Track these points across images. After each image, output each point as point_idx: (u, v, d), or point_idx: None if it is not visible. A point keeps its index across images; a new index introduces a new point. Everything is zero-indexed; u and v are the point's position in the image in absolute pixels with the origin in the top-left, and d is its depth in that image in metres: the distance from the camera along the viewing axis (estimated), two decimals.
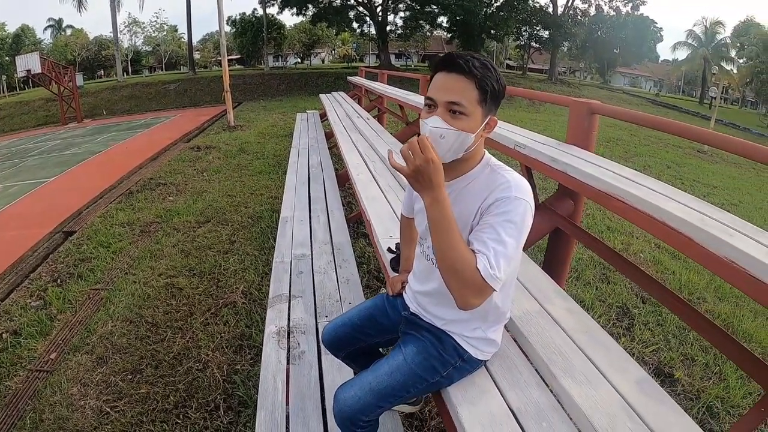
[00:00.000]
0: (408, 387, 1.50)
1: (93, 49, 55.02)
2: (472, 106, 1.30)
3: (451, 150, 1.34)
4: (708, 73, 44.88)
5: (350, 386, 1.53)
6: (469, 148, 1.36)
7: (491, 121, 1.38)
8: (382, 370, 1.51)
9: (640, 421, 1.36)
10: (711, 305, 4.33)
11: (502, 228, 1.25)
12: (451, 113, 1.31)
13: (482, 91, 1.30)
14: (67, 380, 3.23)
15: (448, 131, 1.31)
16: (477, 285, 1.23)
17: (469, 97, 1.30)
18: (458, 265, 1.23)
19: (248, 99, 26.44)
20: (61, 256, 5.41)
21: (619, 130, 16.32)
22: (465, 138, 1.32)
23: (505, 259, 1.23)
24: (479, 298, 1.25)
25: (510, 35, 39.81)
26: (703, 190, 9.49)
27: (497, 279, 1.22)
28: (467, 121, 1.31)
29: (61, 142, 16.71)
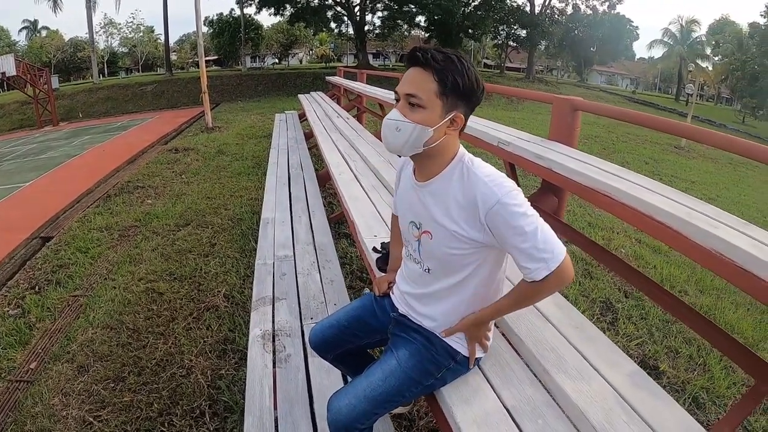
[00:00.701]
0: (403, 391, 1.47)
1: (68, 51, 53.92)
2: (429, 98, 1.28)
3: (407, 143, 1.33)
4: (684, 70, 45.74)
5: (344, 394, 1.48)
6: (429, 143, 1.33)
7: (457, 117, 1.34)
8: (375, 376, 1.47)
9: (635, 414, 1.36)
10: (693, 298, 4.39)
11: (520, 228, 1.24)
12: (410, 106, 1.31)
13: (441, 84, 1.27)
14: (48, 390, 3.13)
15: (403, 123, 1.31)
16: (554, 282, 1.28)
17: (426, 88, 1.28)
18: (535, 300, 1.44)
19: (226, 100, 26.24)
20: (38, 262, 5.27)
21: (597, 127, 16.53)
22: (421, 131, 1.30)
23: (544, 234, 1.25)
24: (565, 277, 1.29)
25: (488, 34, 39.99)
26: (682, 185, 9.64)
27: (558, 257, 1.25)
28: (424, 114, 1.30)
29: (37, 145, 16.36)
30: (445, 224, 1.36)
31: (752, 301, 4.47)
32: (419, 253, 1.49)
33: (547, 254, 1.24)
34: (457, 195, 1.34)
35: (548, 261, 1.24)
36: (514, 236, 1.25)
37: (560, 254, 1.25)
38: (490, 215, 1.27)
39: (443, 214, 1.37)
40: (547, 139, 3.05)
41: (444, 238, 1.38)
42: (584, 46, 42.91)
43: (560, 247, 1.26)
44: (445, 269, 1.44)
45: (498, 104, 24.00)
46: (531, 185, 7.02)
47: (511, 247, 1.29)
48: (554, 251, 1.24)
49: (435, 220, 1.40)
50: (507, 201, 1.25)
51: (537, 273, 1.25)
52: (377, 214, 3.26)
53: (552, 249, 1.24)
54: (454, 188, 1.35)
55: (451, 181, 1.37)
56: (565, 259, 1.26)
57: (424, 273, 1.49)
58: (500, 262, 1.46)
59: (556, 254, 1.24)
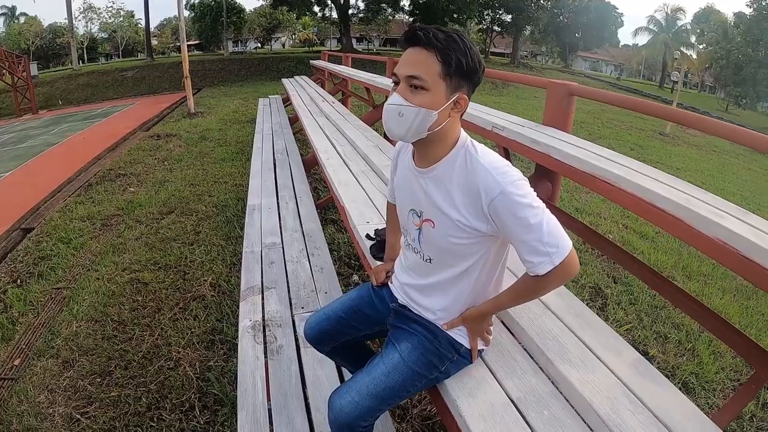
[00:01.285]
0: (407, 386, 1.42)
1: (47, 37, 52.67)
2: (432, 79, 1.21)
3: (411, 128, 1.26)
4: (669, 58, 46.01)
5: (346, 391, 1.41)
6: (434, 127, 1.27)
7: (460, 99, 1.27)
8: (378, 371, 1.41)
9: (639, 403, 1.34)
10: (680, 284, 4.43)
11: (525, 219, 1.19)
12: (412, 88, 1.24)
13: (445, 64, 1.21)
14: (33, 387, 3.05)
15: (406, 108, 1.23)
16: (559, 276, 1.23)
17: (429, 69, 1.21)
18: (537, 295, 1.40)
19: (208, 85, 25.85)
20: (20, 254, 5.13)
21: (582, 113, 16.57)
22: (426, 115, 1.24)
23: (549, 227, 1.20)
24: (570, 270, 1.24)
25: (472, 19, 39.73)
26: (667, 172, 9.67)
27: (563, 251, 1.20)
28: (428, 96, 1.23)
29: (16, 134, 15.93)
30: (448, 213, 1.31)
31: (738, 286, 4.52)
32: (419, 242, 1.43)
33: (551, 248, 1.19)
34: (460, 182, 1.29)
35: (552, 255, 1.19)
36: (517, 228, 1.20)
37: (566, 248, 1.20)
38: (493, 205, 1.21)
39: (446, 202, 1.31)
40: (540, 123, 3.01)
41: (446, 227, 1.32)
42: (569, 32, 43.02)
43: (566, 240, 1.21)
44: (446, 259, 1.39)
45: (483, 89, 23.93)
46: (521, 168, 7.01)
47: (514, 239, 1.24)
48: (559, 245, 1.19)
49: (437, 208, 1.34)
50: (511, 191, 1.19)
51: (541, 267, 1.21)
52: (368, 199, 3.20)
53: (557, 243, 1.19)
54: (457, 175, 1.30)
55: (453, 168, 1.31)
56: (570, 253, 1.21)
57: (425, 263, 1.44)
58: (503, 252, 1.41)
59: (562, 248, 1.19)
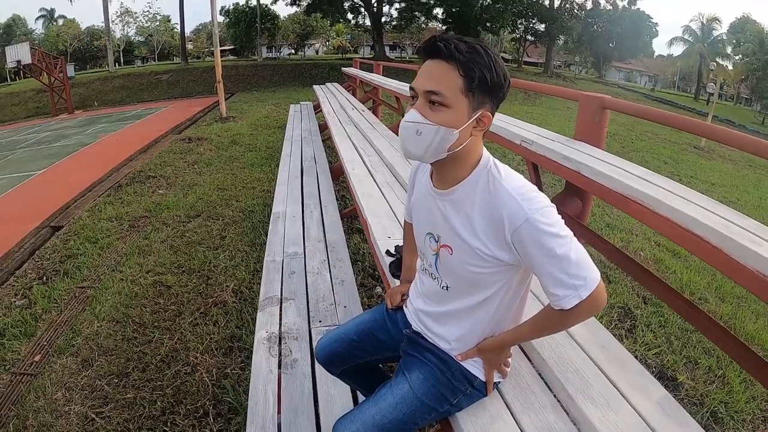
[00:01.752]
0: (415, 419, 1.34)
1: (85, 40, 54.48)
2: (453, 95, 1.12)
3: (430, 148, 1.16)
4: (704, 68, 44.93)
5: (351, 421, 1.34)
6: (455, 147, 1.17)
7: (484, 116, 1.17)
8: (386, 402, 1.34)
9: None
10: (713, 306, 4.25)
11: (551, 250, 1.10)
12: (431, 104, 1.14)
13: (468, 78, 1.11)
14: (51, 384, 3.09)
15: (425, 126, 1.14)
16: (584, 310, 1.15)
17: (450, 84, 1.11)
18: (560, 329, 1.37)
19: (241, 90, 26.26)
20: (47, 252, 5.24)
21: (616, 125, 16.24)
22: (446, 134, 1.14)
23: (578, 257, 1.11)
24: (597, 304, 1.16)
25: (506, 28, 39.48)
26: (701, 187, 9.41)
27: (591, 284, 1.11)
28: (448, 114, 1.13)
29: (52, 133, 16.43)
30: (468, 239, 1.22)
31: None
32: (436, 268, 1.34)
33: (578, 281, 1.10)
34: (482, 207, 1.19)
35: (579, 288, 1.10)
36: (542, 259, 1.11)
37: (593, 281, 1.11)
38: (517, 234, 1.13)
39: (465, 228, 1.22)
40: (572, 138, 2.91)
41: (465, 254, 1.23)
42: (603, 41, 42.38)
43: (594, 272, 1.12)
44: (464, 288, 1.30)
45: (515, 99, 23.73)
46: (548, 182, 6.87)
47: (538, 271, 1.15)
48: (587, 277, 1.11)
49: (456, 234, 1.25)
50: (537, 219, 1.10)
51: (566, 301, 1.12)
52: (392, 213, 3.15)
53: (585, 275, 1.11)
54: (479, 199, 1.20)
55: (475, 191, 1.21)
56: (598, 286, 1.12)
57: (441, 290, 1.36)
58: (525, 281, 1.33)
59: (589, 281, 1.11)
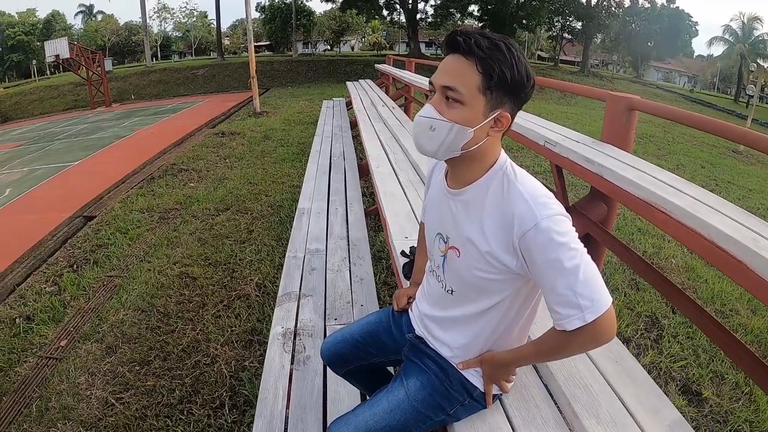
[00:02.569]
0: (409, 427, 1.31)
1: (123, 35, 55.89)
2: (469, 92, 1.07)
3: (443, 145, 1.12)
4: (744, 69, 43.36)
5: (344, 424, 1.33)
6: (469, 146, 1.13)
7: (502, 116, 1.11)
8: (380, 407, 1.32)
9: None
10: (744, 318, 4.07)
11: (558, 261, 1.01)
12: (447, 100, 1.10)
13: (486, 76, 1.05)
14: (75, 369, 3.20)
15: (439, 123, 1.10)
16: (590, 336, 1.03)
17: (467, 81, 1.06)
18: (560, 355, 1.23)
19: (276, 85, 26.55)
20: (79, 241, 5.40)
21: (653, 126, 15.79)
22: (459, 132, 1.09)
23: (587, 276, 1.00)
24: (606, 334, 1.04)
25: (542, 25, 38.95)
26: (738, 192, 9.08)
27: (599, 307, 1.00)
28: (463, 112, 1.08)
29: (89, 126, 16.91)
30: (476, 242, 1.16)
31: None
32: (443, 270, 1.29)
33: (585, 300, 0.99)
34: (493, 209, 1.14)
35: (585, 310, 0.99)
36: (548, 270, 1.03)
37: (602, 304, 1.00)
38: (525, 239, 1.05)
39: (474, 230, 1.17)
40: (599, 140, 2.82)
41: (473, 258, 1.18)
42: (641, 40, 41.44)
43: (605, 295, 1.01)
44: (469, 293, 1.25)
45: (551, 98, 23.35)
46: (579, 184, 6.72)
47: (543, 283, 1.06)
48: (595, 299, 1.00)
49: (464, 236, 1.20)
50: (548, 225, 1.03)
51: (569, 322, 1.02)
52: (411, 213, 3.11)
53: (592, 296, 0.99)
54: (490, 201, 1.15)
55: (487, 192, 1.16)
56: (607, 311, 1.00)
57: (446, 294, 1.31)
58: (533, 297, 1.25)
59: (597, 303, 1.00)
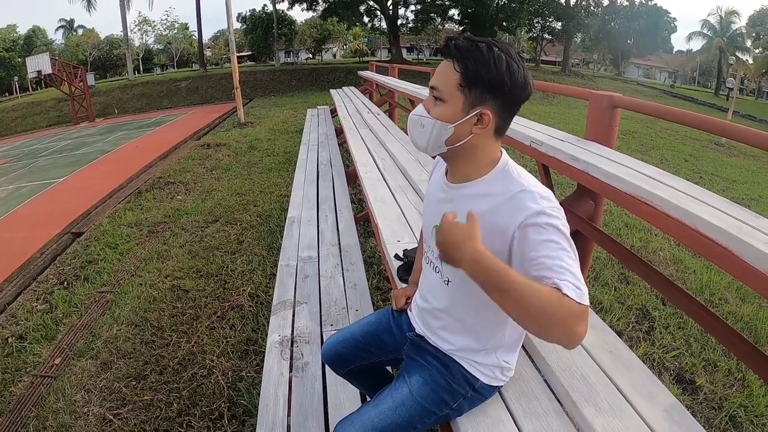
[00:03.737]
0: (414, 423, 1.34)
1: (104, 49, 55.49)
2: (448, 90, 1.15)
3: (430, 141, 1.22)
4: (724, 63, 44.04)
5: (350, 424, 1.35)
6: (453, 142, 1.19)
7: (483, 114, 1.15)
8: (385, 405, 1.35)
9: None
10: (733, 306, 4.15)
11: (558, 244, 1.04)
12: (434, 100, 1.20)
13: (462, 75, 1.12)
14: (71, 386, 3.18)
15: (424, 119, 1.21)
16: (575, 315, 0.96)
17: (448, 80, 1.15)
18: (549, 309, 0.95)
19: (259, 95, 26.51)
20: (68, 257, 5.36)
21: (635, 122, 16.01)
22: (441, 128, 1.18)
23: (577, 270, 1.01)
24: (584, 326, 0.98)
25: (522, 27, 39.29)
26: (722, 184, 9.24)
27: (585, 297, 0.98)
28: (444, 108, 1.17)
29: (73, 141, 16.79)
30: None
31: None
32: (441, 261, 1.28)
33: (577, 281, 0.99)
34: (493, 204, 1.18)
35: (579, 288, 0.98)
36: (544, 249, 1.04)
37: (587, 298, 0.98)
38: (522, 227, 1.08)
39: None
40: (583, 138, 2.88)
41: None
42: (621, 38, 41.91)
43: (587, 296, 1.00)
44: (465, 283, 1.22)
45: (533, 98, 23.34)
46: (565, 183, 6.80)
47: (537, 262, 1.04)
48: (583, 289, 0.99)
49: None
50: (549, 215, 1.07)
51: (565, 285, 0.98)
52: (402, 217, 3.15)
53: (581, 285, 0.99)
54: (492, 197, 1.19)
55: (489, 189, 1.21)
56: (587, 309, 0.98)
57: (443, 284, 1.35)
58: None
59: (585, 295, 0.98)
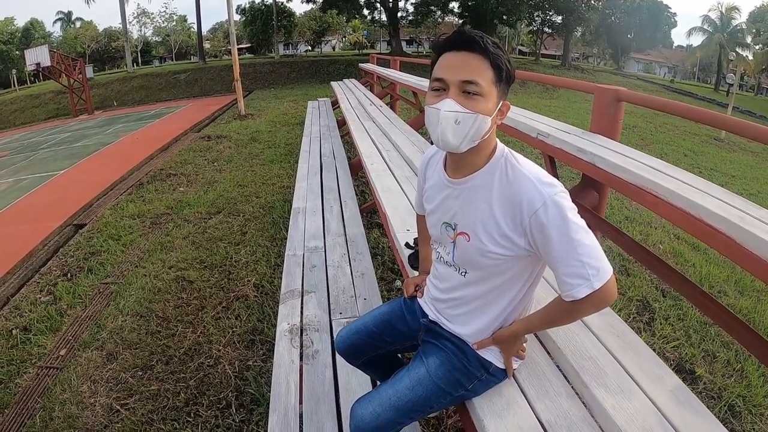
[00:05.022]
0: (431, 402, 1.38)
1: (103, 41, 55.26)
2: (488, 85, 1.18)
3: (467, 137, 1.20)
4: (724, 59, 44.02)
5: (368, 401, 1.40)
6: (486, 135, 1.23)
7: (504, 106, 1.25)
8: (402, 384, 1.39)
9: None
10: (732, 299, 4.20)
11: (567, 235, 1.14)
12: (465, 94, 1.18)
13: (497, 70, 1.18)
14: (77, 377, 3.19)
15: (464, 115, 1.18)
16: (596, 302, 1.18)
17: (485, 75, 1.18)
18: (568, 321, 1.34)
19: (259, 87, 26.45)
20: (71, 249, 5.37)
21: (635, 117, 16.02)
22: (482, 122, 1.19)
23: (592, 247, 1.14)
24: (608, 298, 1.18)
25: (522, 20, 39.21)
26: (721, 179, 9.27)
27: (603, 275, 1.14)
28: (483, 103, 1.18)
29: (72, 134, 16.73)
30: (486, 225, 1.25)
31: None
32: (453, 256, 1.37)
33: (591, 270, 1.13)
34: (501, 193, 1.23)
35: (592, 278, 1.12)
36: (558, 245, 1.14)
37: (606, 273, 1.14)
38: (536, 217, 1.16)
39: (483, 214, 1.26)
40: (587, 130, 2.92)
41: (483, 241, 1.27)
42: (621, 32, 41.79)
43: (607, 265, 1.15)
44: (480, 275, 1.34)
45: (533, 92, 23.52)
46: (566, 176, 6.83)
47: (552, 257, 1.17)
48: (600, 268, 1.13)
49: (474, 221, 1.28)
50: (557, 201, 1.15)
51: (578, 290, 1.14)
52: (410, 206, 3.17)
53: (598, 265, 1.13)
54: (497, 186, 1.24)
55: (493, 178, 1.26)
56: (610, 279, 1.14)
57: (457, 278, 1.39)
58: (537, 272, 1.36)
59: (602, 272, 1.13)
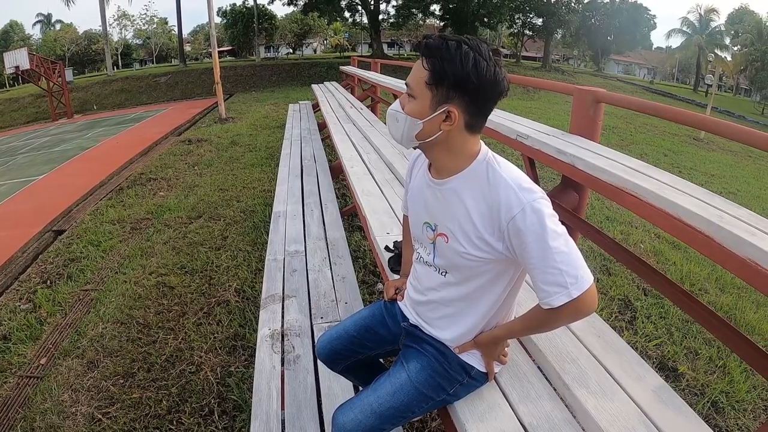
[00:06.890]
0: (412, 407, 1.37)
1: (83, 44, 54.59)
2: (419, 87, 1.19)
3: (402, 135, 1.27)
4: (702, 60, 44.79)
5: (349, 408, 1.38)
6: (424, 137, 1.23)
7: (450, 111, 1.17)
8: (383, 390, 1.38)
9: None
10: (713, 297, 4.26)
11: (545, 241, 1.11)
12: (407, 96, 1.25)
13: (431, 72, 1.15)
14: (57, 386, 3.13)
15: (398, 114, 1.26)
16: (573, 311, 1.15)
17: (418, 77, 1.19)
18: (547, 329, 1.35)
19: (240, 90, 26.26)
20: (50, 256, 5.27)
21: (615, 118, 16.22)
22: (411, 124, 1.22)
23: (570, 255, 1.12)
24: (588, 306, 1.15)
25: (503, 23, 39.48)
26: (701, 178, 9.42)
27: (582, 284, 1.11)
28: (414, 105, 1.21)
29: (51, 138, 16.45)
30: (464, 227, 1.25)
31: None
32: (433, 257, 1.37)
33: (570, 278, 1.10)
34: (479, 196, 1.22)
35: (570, 287, 1.10)
36: (535, 250, 1.12)
37: (585, 282, 1.11)
38: (513, 222, 1.14)
39: (462, 216, 1.25)
40: (567, 132, 2.94)
41: (461, 242, 1.26)
42: (601, 35, 42.30)
43: (587, 273, 1.12)
44: (459, 276, 1.33)
45: (514, 94, 23.67)
46: (548, 177, 6.88)
47: (530, 263, 1.15)
48: (578, 276, 1.11)
49: (452, 223, 1.28)
50: (535, 208, 1.13)
51: (555, 299, 1.12)
52: (390, 209, 3.18)
53: (576, 273, 1.11)
54: (477, 189, 1.23)
55: (473, 181, 1.25)
56: (590, 288, 1.12)
57: (437, 279, 1.39)
58: (517, 276, 1.34)
59: (581, 280, 1.11)
